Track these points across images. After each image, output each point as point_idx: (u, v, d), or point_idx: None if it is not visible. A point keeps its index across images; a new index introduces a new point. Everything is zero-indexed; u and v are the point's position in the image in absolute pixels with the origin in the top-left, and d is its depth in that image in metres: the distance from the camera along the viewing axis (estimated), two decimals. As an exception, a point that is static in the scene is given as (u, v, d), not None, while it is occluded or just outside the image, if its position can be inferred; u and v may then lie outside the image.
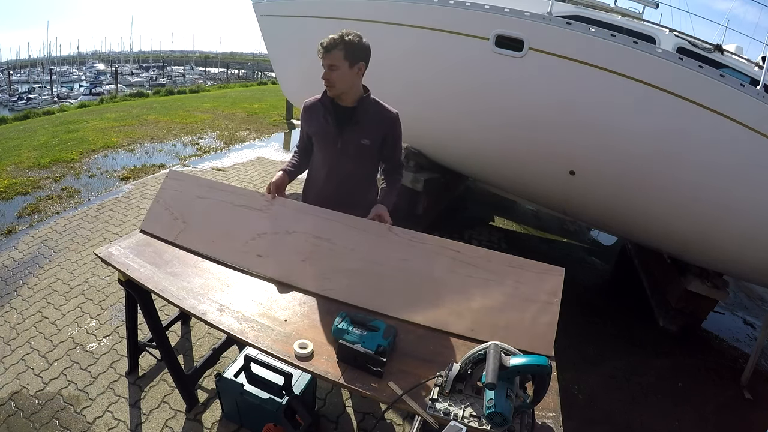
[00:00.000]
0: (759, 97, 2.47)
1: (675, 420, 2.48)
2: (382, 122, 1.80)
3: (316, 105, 1.84)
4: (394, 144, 1.88)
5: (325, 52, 1.65)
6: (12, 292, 2.92)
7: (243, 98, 13.43)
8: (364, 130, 1.78)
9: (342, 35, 1.65)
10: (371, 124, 1.79)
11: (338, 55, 1.65)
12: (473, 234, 4.61)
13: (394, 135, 1.85)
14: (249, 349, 1.83)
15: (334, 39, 1.65)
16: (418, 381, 1.18)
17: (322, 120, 1.81)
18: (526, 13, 2.91)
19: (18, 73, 44.66)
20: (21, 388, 2.16)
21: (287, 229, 1.78)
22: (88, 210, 4.23)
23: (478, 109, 3.40)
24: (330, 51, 1.65)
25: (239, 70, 49.47)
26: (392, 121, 1.82)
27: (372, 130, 1.79)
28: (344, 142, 1.80)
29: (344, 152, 1.82)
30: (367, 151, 1.83)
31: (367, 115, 1.77)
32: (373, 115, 1.78)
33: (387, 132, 1.82)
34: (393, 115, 1.81)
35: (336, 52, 1.64)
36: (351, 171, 1.87)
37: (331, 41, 1.65)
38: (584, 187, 3.27)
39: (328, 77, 1.69)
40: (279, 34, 4.70)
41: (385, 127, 1.81)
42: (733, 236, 2.84)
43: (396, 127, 1.84)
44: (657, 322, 3.50)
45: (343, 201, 1.86)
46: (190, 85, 22.95)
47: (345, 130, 1.78)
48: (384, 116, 1.80)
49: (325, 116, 1.80)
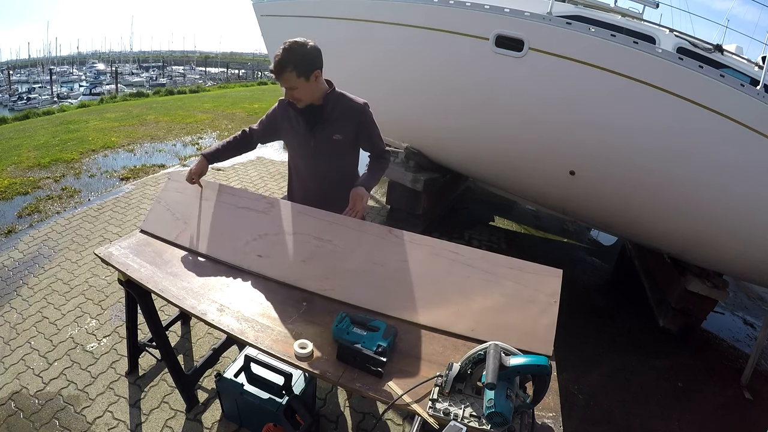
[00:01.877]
0: (759, 97, 2.47)
1: (675, 420, 2.48)
2: (351, 114, 1.79)
3: (287, 107, 1.83)
4: (369, 133, 1.86)
5: (276, 76, 1.63)
6: (12, 292, 2.92)
7: (243, 98, 13.44)
8: (334, 126, 1.78)
9: (287, 51, 1.60)
10: (340, 119, 1.78)
11: (291, 77, 1.62)
12: (473, 234, 4.61)
13: (366, 124, 1.83)
14: (249, 349, 1.83)
15: (281, 61, 1.60)
16: (418, 381, 1.18)
17: (294, 122, 1.82)
18: (526, 13, 2.91)
19: (18, 73, 44.66)
20: (21, 388, 2.16)
21: (288, 231, 1.79)
22: (88, 210, 4.24)
23: (478, 109, 3.40)
24: (281, 74, 1.62)
25: (239, 70, 49.47)
26: (360, 112, 1.80)
27: (342, 124, 1.79)
28: (317, 141, 1.80)
29: (319, 151, 1.82)
30: (341, 146, 1.83)
31: (335, 110, 1.77)
32: (341, 109, 1.78)
33: (358, 123, 1.81)
34: (360, 106, 1.80)
35: (287, 74, 1.61)
36: (329, 168, 1.87)
37: (277, 65, 1.61)
38: (584, 187, 3.27)
39: (291, 96, 1.69)
40: (279, 34, 4.69)
41: (355, 119, 1.80)
42: (733, 236, 2.84)
43: (365, 116, 1.81)
44: (657, 322, 3.50)
45: (327, 199, 1.87)
46: (190, 85, 22.95)
47: (316, 129, 1.79)
48: (351, 108, 1.79)
49: (296, 118, 1.80)
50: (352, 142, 1.86)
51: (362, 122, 1.82)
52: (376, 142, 1.90)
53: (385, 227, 1.73)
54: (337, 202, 1.86)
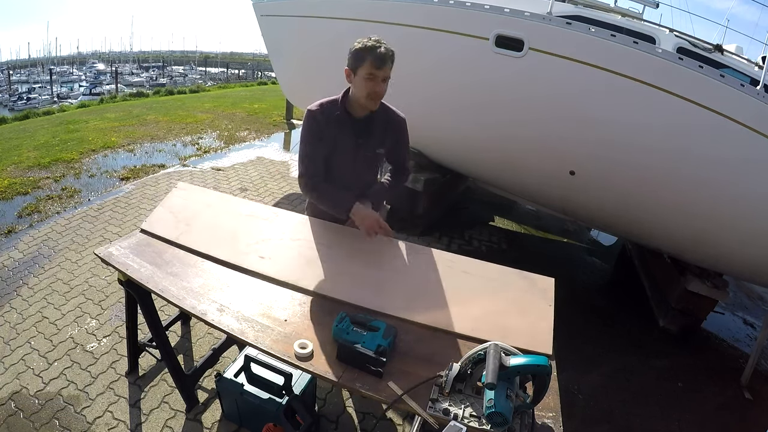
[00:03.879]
0: (759, 97, 2.47)
1: (675, 420, 2.48)
2: (393, 128, 1.77)
3: (328, 117, 1.68)
4: (401, 148, 1.85)
5: (384, 64, 1.53)
6: (12, 292, 2.92)
7: (243, 98, 13.43)
8: (378, 139, 1.75)
9: (384, 43, 1.54)
10: (383, 132, 1.75)
11: (390, 68, 1.57)
12: (473, 234, 4.61)
13: (402, 139, 1.82)
14: (249, 349, 1.83)
15: (386, 49, 1.53)
16: (418, 381, 1.18)
17: (337, 133, 1.70)
18: (526, 13, 2.91)
19: (18, 73, 44.69)
20: (21, 388, 2.16)
21: (291, 237, 1.83)
22: (88, 210, 4.24)
23: (478, 109, 3.40)
24: (388, 63, 1.54)
25: (239, 70, 49.48)
26: (400, 126, 1.78)
27: (385, 138, 1.77)
28: (361, 155, 1.76)
29: (360, 164, 1.78)
30: (379, 159, 1.83)
31: (380, 123, 1.73)
32: (384, 122, 1.74)
33: (396, 136, 1.79)
34: (401, 119, 1.77)
35: (390, 64, 1.56)
36: (366, 180, 1.86)
37: (386, 52, 1.52)
38: (584, 187, 3.27)
39: (378, 90, 1.58)
40: (279, 34, 4.70)
41: (396, 133, 1.78)
42: (733, 236, 2.84)
43: (404, 132, 1.80)
44: (657, 322, 3.50)
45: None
46: (190, 85, 22.95)
47: (361, 143, 1.74)
48: (394, 121, 1.76)
49: (341, 130, 1.69)
50: (389, 155, 1.85)
51: (400, 138, 1.80)
52: (404, 157, 1.89)
53: (386, 238, 1.76)
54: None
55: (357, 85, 1.60)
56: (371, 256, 1.72)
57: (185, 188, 2.16)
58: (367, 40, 1.55)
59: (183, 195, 2.11)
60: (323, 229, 1.85)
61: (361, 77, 1.56)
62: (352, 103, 1.68)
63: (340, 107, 1.68)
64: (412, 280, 1.62)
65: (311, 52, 4.26)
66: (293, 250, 1.77)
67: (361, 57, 1.54)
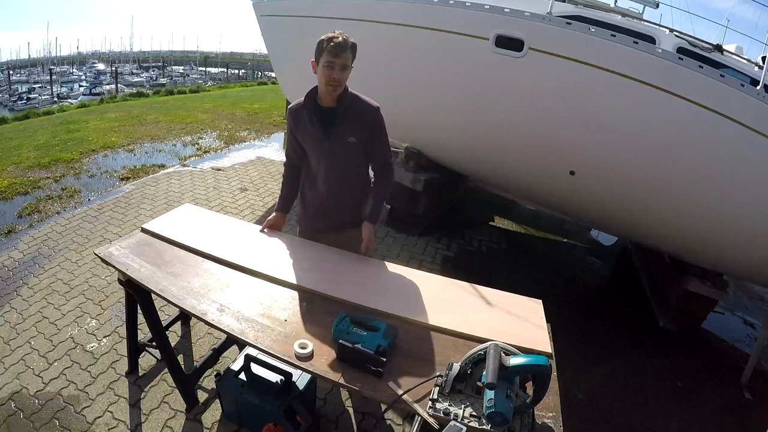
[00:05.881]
0: (759, 97, 2.47)
1: (675, 420, 2.48)
2: (364, 116, 1.77)
3: (300, 110, 1.81)
4: (377, 138, 1.83)
5: (339, 51, 1.61)
6: (12, 292, 2.92)
7: (243, 98, 13.44)
8: (349, 128, 1.77)
9: (343, 34, 1.64)
10: (354, 121, 1.76)
11: (349, 56, 1.65)
12: (473, 234, 4.60)
13: (377, 129, 1.81)
14: (249, 349, 1.83)
15: (344, 39, 1.62)
16: (418, 381, 1.18)
17: (308, 124, 1.79)
18: (526, 13, 2.91)
19: (18, 73, 44.72)
20: (21, 388, 2.16)
21: (294, 251, 1.86)
22: (88, 210, 4.24)
23: (478, 109, 3.40)
24: (344, 51, 1.62)
25: (239, 70, 49.53)
26: (373, 114, 1.77)
27: (356, 126, 1.77)
28: (332, 144, 1.78)
29: (333, 153, 1.81)
30: (355, 149, 1.82)
31: (350, 111, 1.75)
32: (355, 111, 1.76)
33: (370, 126, 1.79)
34: (374, 108, 1.77)
35: (348, 52, 1.63)
36: (343, 171, 1.86)
37: (343, 41, 1.62)
38: (584, 187, 3.27)
39: (336, 78, 1.65)
40: (279, 34, 4.71)
41: (368, 121, 1.78)
42: (732, 236, 2.84)
43: (378, 120, 1.79)
44: (657, 322, 3.50)
45: (337, 200, 1.90)
46: (191, 85, 22.96)
47: (331, 132, 1.76)
48: (365, 110, 1.77)
49: (311, 120, 1.78)
50: (364, 146, 1.83)
51: (373, 127, 1.80)
52: (383, 150, 1.88)
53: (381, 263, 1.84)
54: (347, 208, 1.91)
55: (318, 74, 1.69)
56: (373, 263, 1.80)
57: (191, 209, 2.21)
58: (330, 33, 1.64)
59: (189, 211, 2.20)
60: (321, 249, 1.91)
61: (321, 66, 1.66)
62: (320, 95, 1.75)
63: (308, 99, 1.77)
64: (412, 287, 1.65)
65: (311, 52, 4.25)
66: (294, 259, 1.80)
67: (320, 47, 1.64)
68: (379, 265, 1.81)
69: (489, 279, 3.53)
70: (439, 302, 1.57)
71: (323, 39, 1.64)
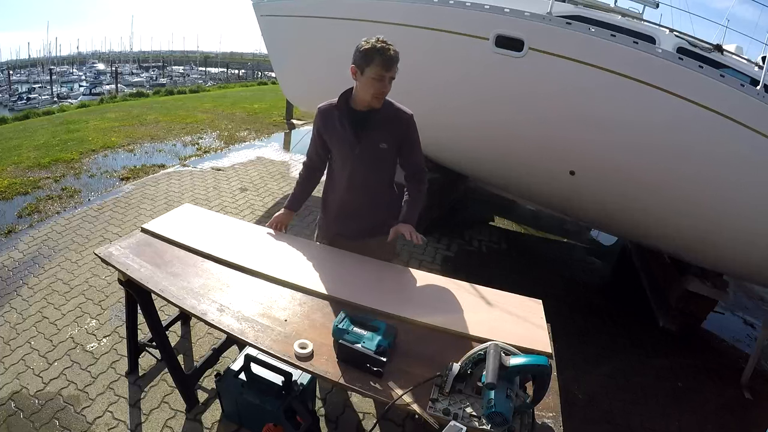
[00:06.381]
0: (759, 97, 2.47)
1: (675, 420, 2.48)
2: (398, 124, 1.74)
3: (332, 111, 1.76)
4: (412, 146, 1.81)
5: (392, 65, 1.58)
6: (12, 292, 2.92)
7: (243, 98, 13.43)
8: (381, 134, 1.73)
9: (389, 43, 1.59)
10: (387, 127, 1.73)
11: (396, 68, 1.62)
12: (473, 234, 4.60)
13: (411, 137, 1.79)
14: (249, 349, 1.83)
15: (394, 50, 1.58)
16: (418, 381, 1.18)
17: (338, 126, 1.75)
18: (526, 13, 2.91)
19: (18, 73, 44.75)
20: (21, 388, 2.16)
21: (294, 251, 1.86)
22: (88, 210, 4.24)
23: (478, 109, 3.40)
24: (395, 64, 1.59)
25: (239, 70, 49.54)
26: (407, 122, 1.75)
27: (388, 133, 1.74)
28: (362, 148, 1.74)
29: (362, 158, 1.76)
30: (385, 155, 1.78)
31: (383, 118, 1.71)
32: (389, 118, 1.72)
33: (403, 134, 1.76)
34: (408, 116, 1.75)
35: (396, 65, 1.60)
36: (370, 176, 1.82)
37: (394, 54, 1.58)
38: (584, 187, 3.27)
39: (383, 90, 1.63)
40: (279, 34, 4.70)
41: (401, 129, 1.75)
42: (732, 236, 2.84)
43: (411, 128, 1.77)
44: (657, 322, 3.50)
45: (362, 207, 1.86)
46: (190, 85, 22.96)
47: (362, 136, 1.72)
48: (399, 118, 1.74)
49: (342, 122, 1.74)
50: (395, 153, 1.80)
51: (408, 134, 1.77)
52: (417, 158, 1.85)
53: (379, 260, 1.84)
54: (370, 212, 1.87)
55: (363, 84, 1.64)
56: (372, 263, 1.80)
57: (191, 209, 2.21)
58: (375, 41, 1.58)
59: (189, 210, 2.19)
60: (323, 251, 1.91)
61: (368, 77, 1.60)
62: (356, 99, 1.72)
63: (342, 101, 1.73)
64: (413, 286, 1.65)
65: (311, 52, 4.26)
66: (296, 258, 1.80)
67: (369, 58, 1.57)
68: (379, 265, 1.81)
69: (489, 279, 3.52)
70: (439, 302, 1.57)
71: (370, 49, 1.57)
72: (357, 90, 1.69)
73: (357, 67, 1.62)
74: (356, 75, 1.65)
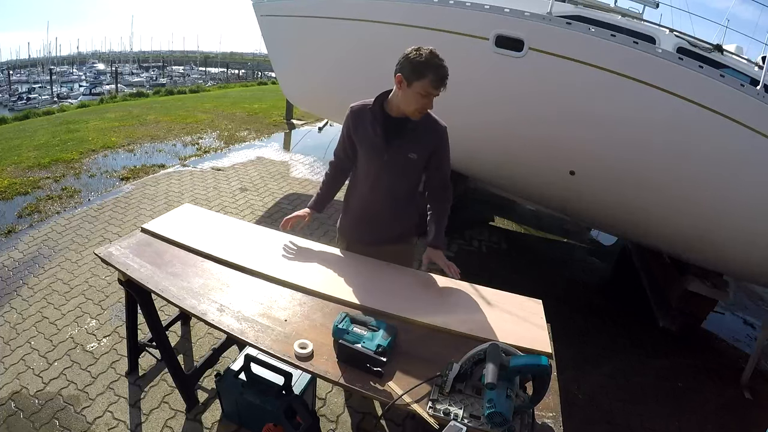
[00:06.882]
0: (759, 97, 2.47)
1: (675, 420, 2.48)
2: (432, 136, 1.69)
3: (365, 112, 1.71)
4: (442, 159, 1.77)
5: (445, 83, 1.53)
6: (12, 292, 2.92)
7: (243, 98, 13.43)
8: (413, 144, 1.67)
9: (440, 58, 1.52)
10: (420, 138, 1.68)
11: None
12: (473, 234, 4.60)
13: (442, 149, 1.74)
14: (249, 349, 1.83)
15: (446, 66, 1.51)
16: (418, 381, 1.18)
17: (369, 129, 1.69)
18: (526, 13, 2.91)
19: (18, 73, 44.78)
20: (21, 388, 2.16)
21: (294, 251, 1.86)
22: (88, 210, 4.24)
23: (478, 109, 3.40)
24: (446, 82, 1.53)
25: (239, 70, 49.56)
26: (441, 135, 1.71)
27: (420, 144, 1.68)
28: (391, 155, 1.68)
29: (390, 165, 1.71)
30: (413, 165, 1.73)
31: (417, 127, 1.66)
32: (423, 128, 1.67)
33: (435, 146, 1.71)
34: (443, 128, 1.71)
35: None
36: (395, 184, 1.78)
37: (447, 71, 1.51)
38: (584, 187, 3.27)
39: (427, 104, 1.57)
40: (279, 34, 4.70)
41: (434, 141, 1.70)
42: (732, 236, 2.84)
43: (444, 141, 1.73)
44: (657, 322, 3.50)
45: (384, 212, 1.84)
46: (190, 85, 22.96)
47: (393, 143, 1.67)
48: (433, 129, 1.69)
49: (374, 126, 1.68)
50: (424, 163, 1.75)
51: (440, 146, 1.72)
52: (444, 172, 1.81)
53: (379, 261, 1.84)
54: (390, 220, 1.85)
55: (407, 96, 1.56)
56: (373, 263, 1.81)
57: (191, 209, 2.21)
58: (429, 54, 1.50)
59: (189, 210, 2.19)
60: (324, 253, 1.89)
61: (415, 92, 1.53)
62: (392, 105, 1.66)
63: (377, 104, 1.67)
64: (414, 286, 1.65)
65: (311, 52, 4.26)
66: (297, 258, 1.80)
67: (421, 72, 1.49)
68: (380, 266, 1.81)
69: (489, 279, 3.52)
70: (439, 302, 1.57)
71: (424, 63, 1.48)
72: (397, 99, 1.61)
73: (404, 78, 1.53)
74: (401, 85, 1.56)
